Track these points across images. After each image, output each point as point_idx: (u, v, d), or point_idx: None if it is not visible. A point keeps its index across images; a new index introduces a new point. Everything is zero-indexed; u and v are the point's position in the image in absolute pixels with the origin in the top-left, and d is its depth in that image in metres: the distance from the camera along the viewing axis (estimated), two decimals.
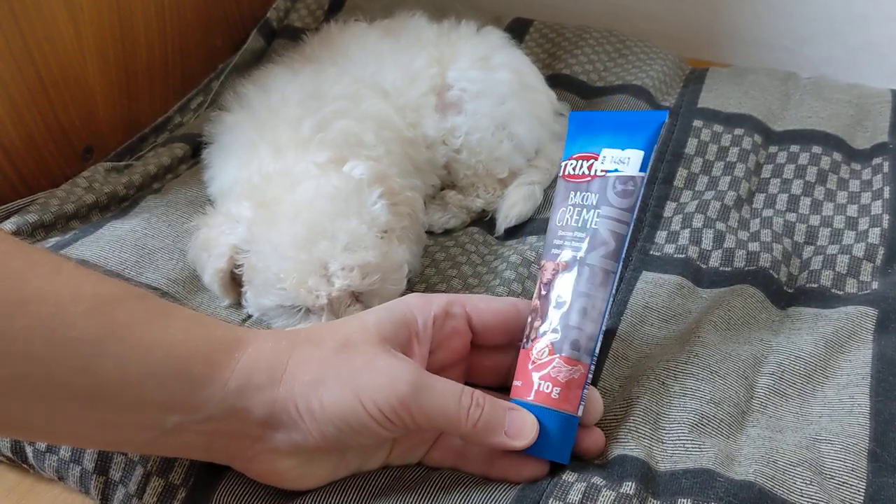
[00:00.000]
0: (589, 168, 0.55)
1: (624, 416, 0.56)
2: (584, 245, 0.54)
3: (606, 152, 0.55)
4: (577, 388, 0.52)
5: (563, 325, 0.53)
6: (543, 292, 0.54)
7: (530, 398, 0.52)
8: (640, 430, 0.55)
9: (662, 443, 0.55)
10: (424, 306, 0.53)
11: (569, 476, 0.52)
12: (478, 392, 0.50)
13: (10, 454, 0.59)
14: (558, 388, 0.52)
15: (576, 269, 0.54)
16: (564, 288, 0.53)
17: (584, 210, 0.55)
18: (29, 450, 0.58)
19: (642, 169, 0.55)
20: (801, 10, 1.01)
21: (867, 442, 0.54)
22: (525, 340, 0.54)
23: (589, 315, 0.53)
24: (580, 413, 0.53)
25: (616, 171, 0.55)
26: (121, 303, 0.47)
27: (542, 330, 0.53)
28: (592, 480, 0.51)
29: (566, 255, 0.54)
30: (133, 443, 0.50)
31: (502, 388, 0.55)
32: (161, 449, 0.52)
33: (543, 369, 0.52)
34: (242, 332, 0.50)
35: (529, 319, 0.54)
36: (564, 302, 0.53)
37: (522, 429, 0.51)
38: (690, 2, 1.05)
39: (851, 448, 0.54)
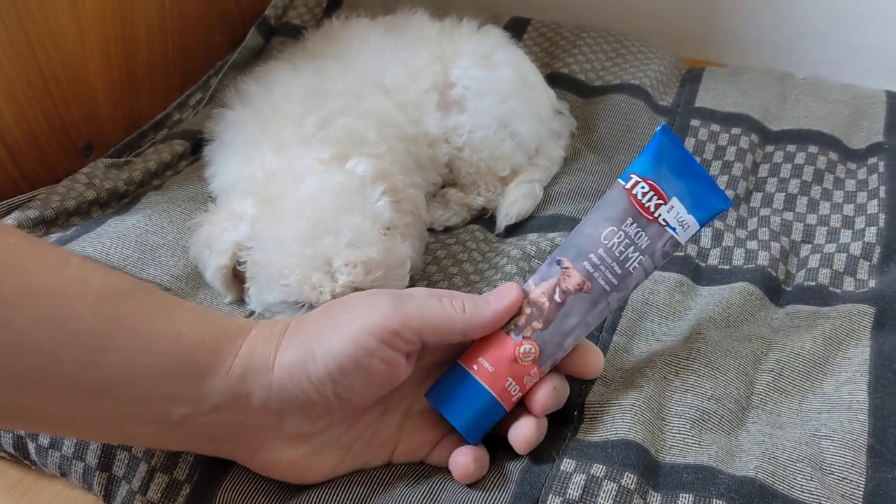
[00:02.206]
0: (656, 208, 0.54)
1: (627, 400, 0.57)
2: (616, 282, 0.54)
3: (675, 203, 0.55)
4: (526, 392, 0.53)
5: (557, 343, 0.53)
6: (558, 299, 0.53)
7: (491, 388, 0.52)
8: (643, 415, 0.55)
9: (663, 433, 0.55)
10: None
11: (567, 465, 0.52)
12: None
13: (12, 451, 0.59)
14: (520, 394, 0.53)
15: (599, 301, 0.54)
16: (578, 309, 0.53)
17: (632, 247, 0.54)
18: (31, 446, 0.58)
19: (689, 240, 0.56)
20: (796, 10, 1.01)
21: (866, 438, 0.55)
22: (515, 330, 0.53)
23: (576, 341, 0.54)
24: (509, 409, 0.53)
25: (674, 230, 0.55)
26: (127, 296, 0.47)
27: (536, 336, 0.53)
28: (592, 471, 0.51)
29: (598, 282, 0.53)
30: (141, 436, 0.50)
31: None
32: (168, 442, 0.52)
33: (520, 373, 0.52)
34: (244, 322, 0.51)
35: (529, 311, 0.53)
36: (570, 321, 0.53)
37: (502, 291, 0.52)
38: (686, 0, 1.06)
39: (851, 444, 0.54)
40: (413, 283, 0.68)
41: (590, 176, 0.80)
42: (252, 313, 0.65)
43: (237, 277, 0.65)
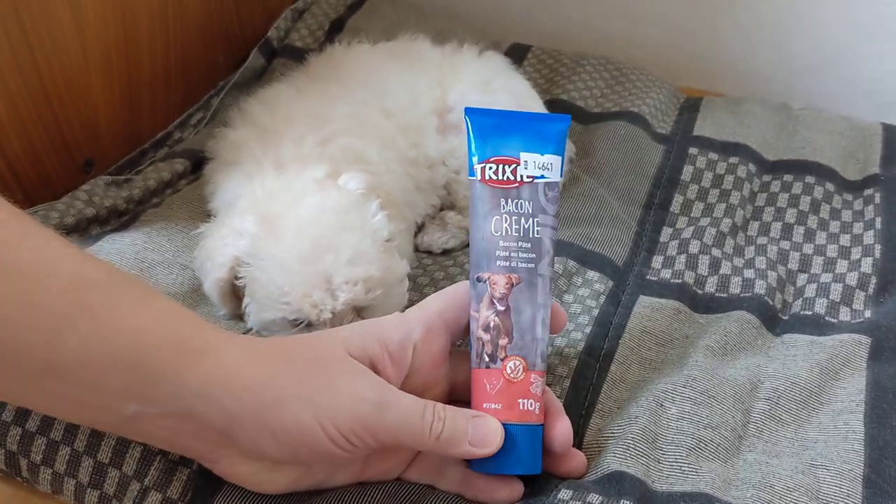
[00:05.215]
0: (513, 173, 0.54)
1: (622, 433, 0.57)
2: (534, 255, 0.53)
3: (525, 156, 0.54)
4: (543, 398, 0.53)
5: (530, 340, 0.53)
6: (500, 307, 0.53)
7: (513, 420, 0.52)
8: (638, 448, 0.55)
9: (659, 463, 0.55)
10: (404, 327, 0.53)
11: (564, 494, 0.52)
12: (439, 405, 0.50)
13: (3, 467, 0.58)
14: (538, 403, 0.53)
15: (535, 281, 0.53)
16: (524, 300, 0.53)
17: (523, 218, 0.54)
18: (23, 462, 0.57)
19: (561, 174, 0.55)
20: (794, 43, 1.02)
21: (862, 468, 0.55)
22: (491, 359, 0.53)
23: (545, 323, 0.54)
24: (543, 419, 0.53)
25: (543, 177, 0.54)
26: (99, 287, 0.47)
27: (511, 347, 0.53)
28: (589, 499, 0.51)
29: (520, 268, 0.53)
30: (99, 423, 0.51)
31: None
32: (127, 434, 0.53)
33: (524, 388, 0.52)
34: (214, 336, 0.50)
35: (489, 337, 0.53)
36: (525, 315, 0.53)
37: (486, 436, 0.51)
38: (684, 32, 1.06)
39: (847, 474, 0.54)
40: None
41: (588, 201, 0.80)
42: (249, 330, 0.65)
43: (234, 293, 0.65)
